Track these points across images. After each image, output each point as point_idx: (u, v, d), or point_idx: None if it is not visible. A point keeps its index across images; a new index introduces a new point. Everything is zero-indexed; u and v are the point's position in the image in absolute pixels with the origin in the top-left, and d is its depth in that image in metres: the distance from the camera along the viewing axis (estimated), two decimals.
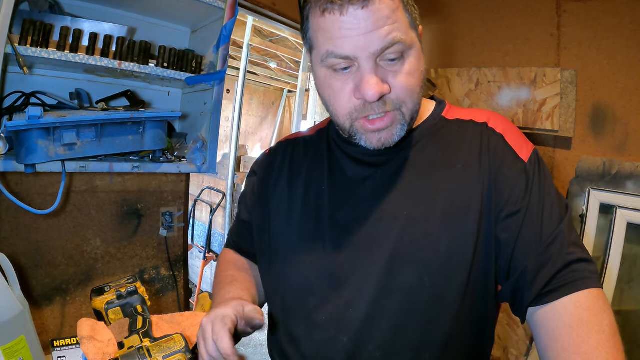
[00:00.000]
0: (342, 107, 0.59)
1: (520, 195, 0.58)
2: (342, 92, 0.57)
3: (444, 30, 2.02)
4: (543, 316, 0.55)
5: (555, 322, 0.53)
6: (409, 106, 0.58)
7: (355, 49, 0.53)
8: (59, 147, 1.04)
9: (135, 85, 1.41)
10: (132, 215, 1.47)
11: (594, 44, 1.59)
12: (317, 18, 0.55)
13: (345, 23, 0.52)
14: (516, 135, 0.63)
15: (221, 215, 3.57)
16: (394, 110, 0.57)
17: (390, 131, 0.59)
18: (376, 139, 0.59)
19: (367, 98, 0.54)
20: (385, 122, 0.58)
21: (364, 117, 0.58)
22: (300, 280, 0.66)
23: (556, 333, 0.52)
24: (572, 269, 0.54)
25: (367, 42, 0.52)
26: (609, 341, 0.50)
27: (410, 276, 0.59)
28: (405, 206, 0.61)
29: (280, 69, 5.67)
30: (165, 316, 0.93)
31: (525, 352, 1.70)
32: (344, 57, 0.54)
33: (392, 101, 0.57)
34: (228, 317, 0.57)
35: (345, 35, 0.53)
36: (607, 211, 1.52)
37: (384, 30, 0.52)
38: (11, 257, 0.82)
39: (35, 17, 1.06)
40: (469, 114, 0.66)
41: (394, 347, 0.59)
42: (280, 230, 0.71)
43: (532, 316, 0.56)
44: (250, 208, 0.79)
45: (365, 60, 0.54)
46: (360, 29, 0.52)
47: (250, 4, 1.68)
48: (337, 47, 0.54)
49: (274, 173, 0.76)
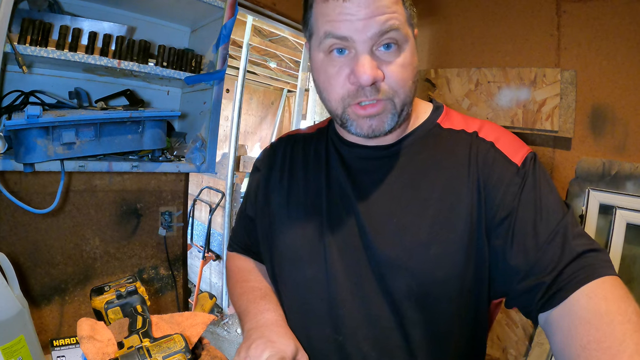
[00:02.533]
0: (335, 92, 0.59)
1: (511, 199, 0.56)
2: (337, 77, 0.58)
3: (444, 30, 2.02)
4: (556, 317, 0.50)
5: (570, 319, 0.48)
6: (401, 97, 0.59)
7: (353, 31, 0.54)
8: (58, 146, 1.04)
9: (135, 85, 1.40)
10: (131, 214, 1.47)
11: (593, 45, 1.59)
12: (320, 5, 0.57)
13: (345, 8, 0.54)
14: (509, 140, 0.62)
15: (220, 215, 3.56)
16: (386, 99, 0.58)
17: (381, 119, 0.59)
18: (367, 125, 0.59)
19: (362, 81, 0.55)
20: (376, 109, 0.58)
21: (356, 103, 0.58)
22: (297, 279, 0.67)
23: (572, 331, 0.47)
24: (581, 261, 0.50)
25: (366, 25, 0.54)
26: (637, 331, 0.44)
27: (400, 281, 0.59)
28: (395, 213, 0.61)
29: (280, 69, 5.66)
30: (165, 316, 0.92)
31: (525, 352, 1.70)
32: (340, 38, 0.55)
33: (385, 90, 0.57)
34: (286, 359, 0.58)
35: (344, 19, 0.54)
36: (606, 212, 1.52)
37: (383, 17, 0.54)
38: (10, 257, 0.82)
39: (35, 16, 1.06)
40: (462, 122, 0.66)
41: (387, 349, 0.60)
42: (281, 227, 0.71)
43: (546, 320, 0.52)
44: (256, 204, 0.79)
45: (361, 44, 0.55)
46: (360, 14, 0.54)
47: (250, 3, 1.68)
48: (335, 29, 0.55)
49: (276, 170, 0.76)
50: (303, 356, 0.61)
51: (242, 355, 0.58)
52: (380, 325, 0.60)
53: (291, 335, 0.63)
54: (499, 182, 0.58)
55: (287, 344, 0.60)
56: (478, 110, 1.85)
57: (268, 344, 0.59)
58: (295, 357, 0.60)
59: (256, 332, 0.62)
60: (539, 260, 0.52)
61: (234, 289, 0.79)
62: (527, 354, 1.69)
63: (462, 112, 1.92)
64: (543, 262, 0.52)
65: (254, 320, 0.66)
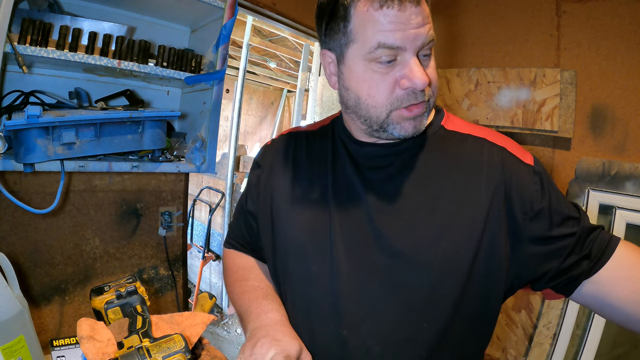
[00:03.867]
0: (383, 98, 0.61)
1: (539, 195, 0.61)
2: (384, 84, 0.60)
3: (444, 30, 2.02)
4: (602, 278, 0.59)
5: (620, 272, 0.58)
6: (435, 98, 0.64)
7: (406, 41, 0.57)
8: (58, 147, 1.04)
9: (135, 85, 1.40)
10: (131, 214, 1.47)
11: (593, 45, 1.59)
12: (369, 11, 0.57)
13: (400, 17, 0.56)
14: (516, 147, 0.66)
15: (220, 215, 3.57)
16: (426, 101, 0.62)
17: (421, 119, 0.63)
18: (412, 126, 0.62)
19: (418, 86, 0.58)
20: (420, 109, 0.62)
21: (404, 107, 0.61)
22: (301, 274, 0.67)
23: (625, 281, 0.58)
24: (597, 235, 0.61)
25: (417, 35, 0.57)
26: None
27: (409, 276, 0.60)
28: (405, 209, 0.63)
29: (280, 69, 5.66)
30: (165, 316, 0.92)
31: (525, 352, 1.71)
32: (394, 48, 0.57)
33: (429, 92, 0.61)
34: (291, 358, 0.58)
35: (398, 29, 0.56)
36: (606, 212, 1.52)
37: (427, 27, 0.58)
38: (10, 257, 0.82)
39: (35, 16, 1.06)
40: (466, 128, 0.69)
41: (392, 343, 0.61)
42: (285, 223, 0.71)
43: (583, 287, 0.60)
44: (256, 199, 0.79)
45: (411, 52, 0.58)
46: (412, 24, 0.56)
47: (250, 3, 1.68)
48: (388, 39, 0.57)
49: (278, 165, 0.76)
50: (307, 356, 0.62)
51: (247, 353, 0.58)
52: (385, 319, 0.61)
53: (295, 335, 0.64)
54: (521, 182, 0.62)
55: (291, 343, 0.60)
56: (478, 110, 1.85)
57: (273, 343, 0.59)
58: (299, 357, 0.60)
59: (261, 331, 0.63)
60: (580, 236, 0.61)
61: (234, 288, 0.79)
62: (527, 354, 1.69)
63: (462, 113, 1.92)
64: (582, 237, 0.61)
65: (257, 320, 0.66)
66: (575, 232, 0.61)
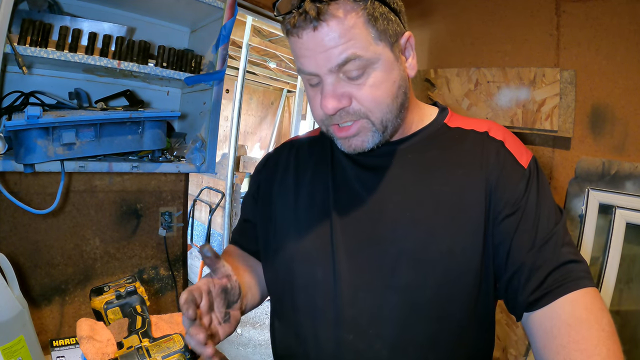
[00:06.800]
0: (316, 114, 0.64)
1: (518, 198, 0.60)
2: (315, 102, 0.62)
3: (443, 30, 2.02)
4: (540, 317, 0.56)
5: (554, 322, 0.54)
6: (377, 115, 0.60)
7: (315, 66, 0.58)
8: (58, 147, 1.04)
9: (135, 85, 1.40)
10: (131, 215, 1.47)
11: (593, 44, 1.59)
12: (289, 41, 0.61)
13: (303, 44, 0.57)
14: (516, 143, 0.65)
15: (220, 215, 3.57)
16: (361, 119, 0.60)
17: (360, 138, 0.62)
18: (347, 145, 0.63)
19: (326, 111, 0.59)
20: (352, 131, 0.61)
21: (334, 125, 0.62)
22: (306, 281, 0.67)
23: (554, 331, 0.53)
24: (566, 269, 0.56)
25: (324, 60, 0.57)
26: (609, 339, 0.51)
27: (414, 276, 0.60)
28: (408, 208, 0.62)
29: (280, 69, 5.66)
30: (165, 316, 0.93)
31: (525, 352, 1.70)
32: (309, 74, 0.60)
33: (356, 111, 0.60)
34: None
35: (305, 55, 0.58)
36: (606, 211, 1.52)
37: (337, 50, 0.56)
38: (10, 257, 0.82)
39: (35, 17, 1.06)
40: (470, 123, 0.68)
41: (400, 346, 0.60)
42: (287, 226, 0.71)
43: (529, 318, 0.58)
44: (254, 207, 0.79)
45: (325, 76, 0.58)
46: (317, 49, 0.56)
47: (250, 3, 1.68)
48: (302, 65, 0.59)
49: (280, 170, 0.76)
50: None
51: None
52: (391, 321, 0.60)
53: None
54: (508, 181, 0.61)
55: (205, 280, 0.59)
56: (477, 110, 1.85)
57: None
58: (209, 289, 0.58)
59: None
60: (535, 259, 0.57)
61: None
62: (527, 354, 1.69)
63: (462, 112, 1.93)
64: (537, 261, 0.57)
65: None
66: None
